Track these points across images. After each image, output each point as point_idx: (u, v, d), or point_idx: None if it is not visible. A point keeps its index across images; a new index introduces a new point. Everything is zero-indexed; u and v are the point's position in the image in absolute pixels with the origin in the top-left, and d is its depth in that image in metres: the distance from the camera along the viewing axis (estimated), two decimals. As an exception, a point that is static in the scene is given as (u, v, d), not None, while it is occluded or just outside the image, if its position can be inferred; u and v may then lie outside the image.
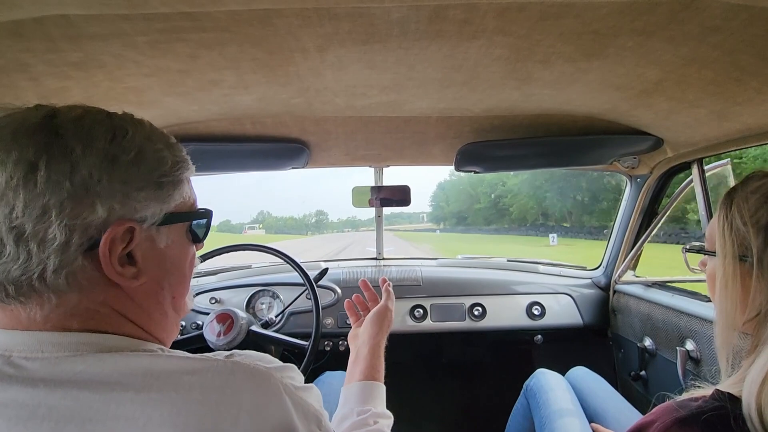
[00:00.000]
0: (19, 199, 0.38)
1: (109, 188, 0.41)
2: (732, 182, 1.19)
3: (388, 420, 0.74)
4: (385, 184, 1.73)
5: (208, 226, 0.54)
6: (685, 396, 0.60)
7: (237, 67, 0.80)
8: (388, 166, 1.62)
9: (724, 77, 0.80)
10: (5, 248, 0.38)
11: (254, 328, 1.27)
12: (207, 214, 0.54)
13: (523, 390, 1.38)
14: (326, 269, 1.53)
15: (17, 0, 0.55)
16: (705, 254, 0.72)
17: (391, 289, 1.00)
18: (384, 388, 0.81)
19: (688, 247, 0.80)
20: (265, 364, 0.46)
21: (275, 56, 0.76)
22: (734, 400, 0.53)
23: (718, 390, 0.56)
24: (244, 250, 1.37)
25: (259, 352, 0.48)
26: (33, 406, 0.37)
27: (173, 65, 0.77)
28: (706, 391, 0.58)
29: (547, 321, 1.72)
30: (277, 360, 0.48)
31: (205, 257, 1.41)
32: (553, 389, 1.25)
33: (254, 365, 0.44)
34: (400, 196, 1.61)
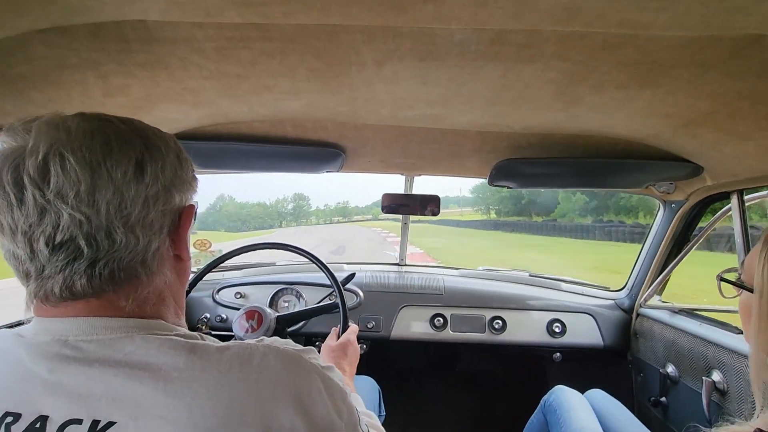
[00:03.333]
0: (130, 192, 0.44)
1: (180, 180, 0.51)
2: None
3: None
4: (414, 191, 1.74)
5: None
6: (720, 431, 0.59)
7: (293, 75, 0.82)
8: (420, 175, 1.63)
9: None
10: (117, 236, 0.43)
11: (281, 316, 1.29)
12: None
13: (540, 405, 1.38)
14: (353, 274, 1.55)
15: (101, 4, 0.58)
16: (742, 289, 0.71)
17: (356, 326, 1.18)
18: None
19: (722, 275, 0.79)
20: (292, 348, 0.50)
21: (333, 68, 0.78)
22: None
23: (761, 429, 0.55)
24: (277, 248, 1.39)
25: (283, 339, 0.52)
26: (90, 385, 0.40)
27: (233, 70, 0.80)
28: (743, 429, 0.58)
29: (567, 339, 1.71)
30: (300, 345, 0.52)
31: (232, 254, 1.44)
32: (575, 408, 1.24)
33: (284, 348, 0.49)
34: (431, 205, 1.62)
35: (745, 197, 1.20)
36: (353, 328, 1.16)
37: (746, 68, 0.68)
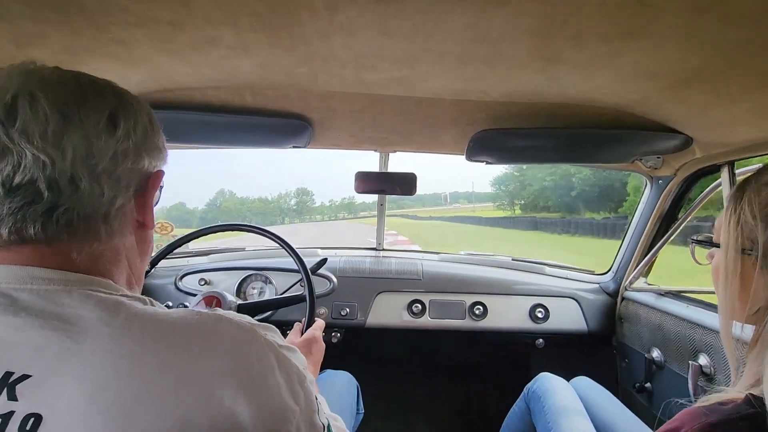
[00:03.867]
0: (100, 142, 0.43)
1: (152, 144, 0.50)
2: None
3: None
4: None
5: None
6: (710, 399, 0.54)
7: (235, 24, 0.72)
8: (395, 151, 1.54)
9: None
10: (81, 183, 0.42)
11: (242, 304, 1.21)
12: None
13: (523, 393, 1.32)
14: (325, 259, 1.47)
15: None
16: (710, 246, 0.70)
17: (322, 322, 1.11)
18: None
19: (695, 237, 0.77)
20: (248, 320, 0.47)
21: (278, 12, 0.68)
22: None
23: (753, 394, 0.51)
24: (240, 230, 1.29)
25: (240, 314, 0.48)
26: (11, 332, 0.38)
27: (163, 15, 0.69)
28: (734, 395, 0.53)
29: (551, 325, 1.65)
30: (256, 321, 0.48)
31: (195, 235, 1.34)
32: (559, 394, 1.20)
33: (238, 319, 0.46)
34: (406, 183, 1.54)
35: (736, 171, 1.13)
36: (319, 324, 1.09)
37: (744, 11, 0.60)
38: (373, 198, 1.82)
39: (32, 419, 0.34)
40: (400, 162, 1.65)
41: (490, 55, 0.82)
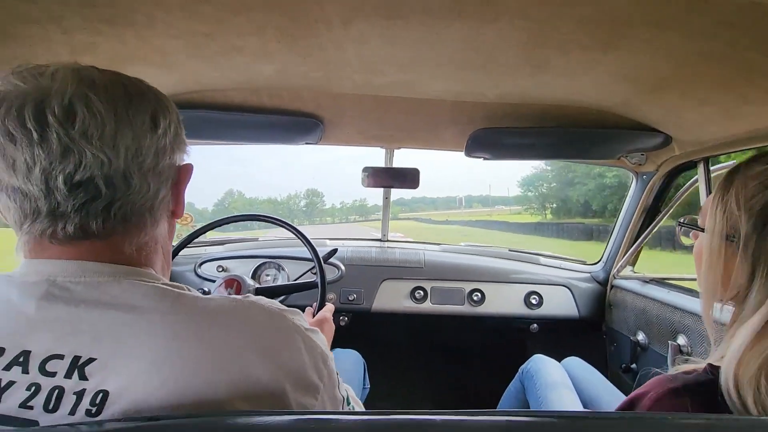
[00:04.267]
0: (146, 140, 0.47)
1: (180, 140, 0.53)
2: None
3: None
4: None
5: None
6: (678, 369, 0.61)
7: (261, 34, 0.82)
8: (399, 148, 1.64)
9: (735, 75, 0.82)
10: (133, 180, 0.46)
11: (259, 288, 1.31)
12: None
13: (518, 374, 1.42)
14: (336, 249, 1.57)
15: None
16: (695, 229, 0.73)
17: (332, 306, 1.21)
18: None
19: (681, 220, 0.81)
20: (277, 306, 0.52)
21: (300, 25, 0.78)
22: None
23: (710, 364, 0.58)
24: (257, 220, 1.40)
25: (268, 299, 0.54)
26: (75, 322, 0.42)
27: (200, 28, 0.79)
28: (697, 365, 0.60)
29: (544, 311, 1.75)
30: (284, 306, 0.54)
31: (212, 225, 1.45)
32: (550, 373, 1.29)
33: (269, 305, 0.51)
34: (409, 178, 1.64)
35: (711, 167, 1.24)
36: (329, 307, 1.19)
37: (700, 27, 0.70)
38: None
39: (101, 395, 0.39)
40: (404, 159, 1.67)
41: (485, 61, 0.92)
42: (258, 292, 1.30)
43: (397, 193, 1.79)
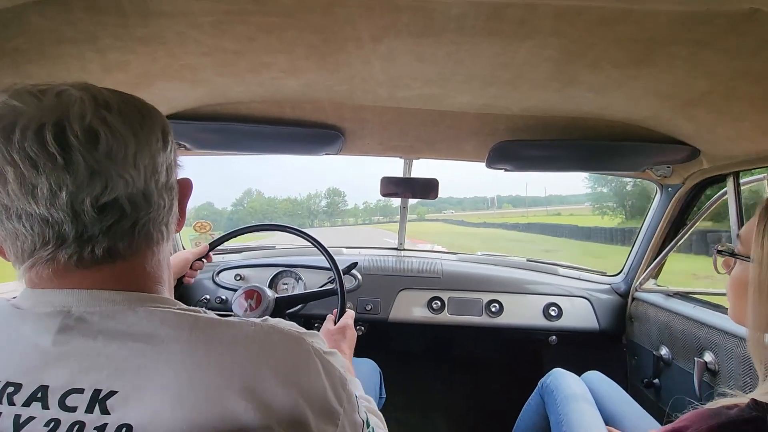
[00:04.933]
0: (160, 158, 0.48)
1: (175, 154, 0.54)
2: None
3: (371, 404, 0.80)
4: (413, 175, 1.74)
5: None
6: (717, 403, 0.59)
7: (291, 52, 0.82)
8: (419, 158, 1.63)
9: None
10: (152, 197, 0.47)
11: (280, 297, 1.31)
12: None
13: (538, 388, 1.40)
14: (356, 263, 1.57)
15: None
16: (739, 258, 0.69)
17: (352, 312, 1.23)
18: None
19: (719, 248, 0.79)
20: (296, 329, 0.51)
21: (330, 44, 0.78)
22: None
23: (755, 400, 0.55)
24: (279, 230, 1.40)
25: (287, 321, 0.53)
26: (93, 356, 0.41)
27: (230, 46, 0.80)
28: (739, 399, 0.58)
29: (563, 323, 1.73)
30: (303, 328, 0.53)
31: (233, 234, 1.45)
32: (571, 388, 1.27)
33: (288, 329, 0.50)
34: (428, 189, 1.63)
35: (741, 180, 1.21)
36: (350, 314, 1.20)
37: (742, 45, 0.68)
38: (410, 201, 1.89)
39: (124, 428, 0.38)
40: (422, 165, 1.67)
41: (513, 77, 0.91)
42: (278, 301, 1.31)
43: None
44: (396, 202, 1.90)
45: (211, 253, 1.29)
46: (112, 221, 0.43)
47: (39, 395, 0.39)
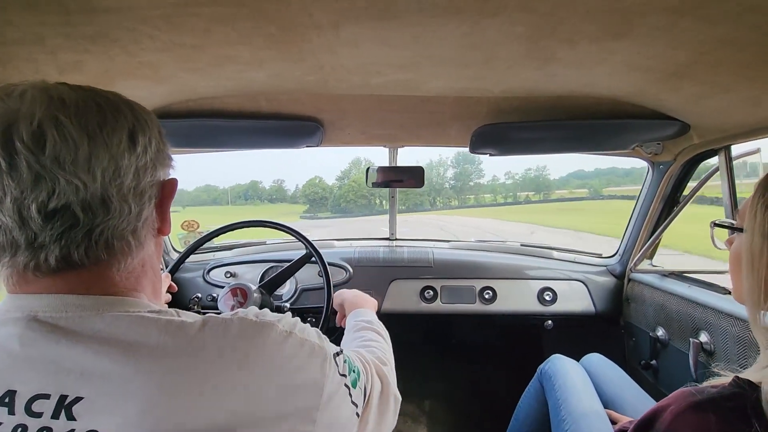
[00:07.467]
0: (124, 160, 0.44)
1: (163, 155, 0.50)
2: (762, 172, 1.14)
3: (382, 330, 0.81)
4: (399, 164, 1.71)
5: None
6: (704, 384, 0.59)
7: (250, 43, 0.79)
8: (403, 146, 1.60)
9: (761, 61, 0.76)
10: (112, 203, 0.43)
11: (261, 285, 1.31)
12: None
13: (537, 374, 1.39)
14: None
15: None
16: (734, 230, 0.68)
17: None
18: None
19: (716, 221, 0.77)
20: (265, 317, 0.49)
21: (289, 32, 0.75)
22: (754, 388, 0.52)
23: (738, 377, 0.55)
24: (259, 226, 1.38)
25: (257, 308, 0.51)
26: (59, 361, 0.40)
27: (187, 40, 0.77)
28: (725, 379, 0.57)
29: (559, 307, 1.71)
30: (273, 313, 0.51)
31: (217, 233, 1.44)
32: (569, 373, 1.25)
33: (256, 319, 0.48)
34: (414, 177, 1.60)
35: (732, 155, 1.17)
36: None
37: (723, 12, 0.64)
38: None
39: None
40: (408, 157, 1.58)
41: (487, 58, 0.87)
42: (262, 289, 1.30)
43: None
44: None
45: (172, 283, 1.19)
46: (62, 229, 0.41)
47: (6, 400, 0.39)
